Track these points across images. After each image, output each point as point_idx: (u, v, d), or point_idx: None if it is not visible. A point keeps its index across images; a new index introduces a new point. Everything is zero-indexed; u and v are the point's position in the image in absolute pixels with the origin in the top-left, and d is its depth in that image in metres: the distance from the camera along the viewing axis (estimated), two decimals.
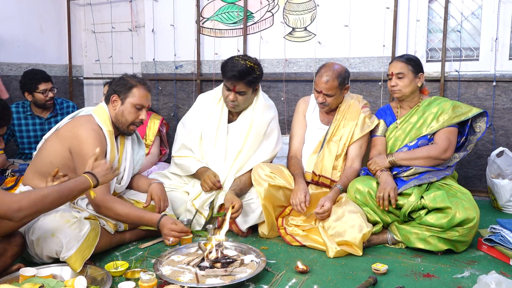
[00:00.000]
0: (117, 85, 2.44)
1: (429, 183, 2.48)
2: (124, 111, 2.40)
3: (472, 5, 3.52)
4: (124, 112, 2.40)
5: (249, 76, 2.60)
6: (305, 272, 2.13)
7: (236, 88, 2.63)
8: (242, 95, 2.66)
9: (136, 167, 2.65)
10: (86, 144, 2.25)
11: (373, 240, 2.47)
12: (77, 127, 2.32)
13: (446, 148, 2.55)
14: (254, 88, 2.72)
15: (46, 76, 3.56)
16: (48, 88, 3.54)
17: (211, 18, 4.23)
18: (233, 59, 2.66)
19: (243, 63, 2.60)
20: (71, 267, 2.05)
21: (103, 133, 2.36)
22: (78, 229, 2.11)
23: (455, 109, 2.62)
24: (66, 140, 2.31)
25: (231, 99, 2.66)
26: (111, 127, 2.41)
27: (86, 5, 4.89)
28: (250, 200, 2.65)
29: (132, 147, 2.60)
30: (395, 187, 2.46)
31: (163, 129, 3.72)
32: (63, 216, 2.14)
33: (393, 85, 2.68)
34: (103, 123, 2.38)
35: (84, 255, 2.09)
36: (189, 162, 2.81)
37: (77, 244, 2.08)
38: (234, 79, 2.60)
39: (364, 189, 2.52)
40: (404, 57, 2.74)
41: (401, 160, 2.59)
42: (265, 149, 2.79)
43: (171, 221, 2.27)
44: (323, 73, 2.70)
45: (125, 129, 2.45)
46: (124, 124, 2.42)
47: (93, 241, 2.16)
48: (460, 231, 2.31)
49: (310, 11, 3.86)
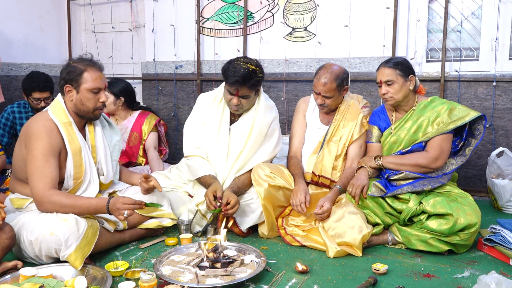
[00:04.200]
0: (67, 73, 2.32)
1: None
2: (81, 99, 2.31)
3: (472, 5, 3.52)
4: (82, 100, 2.31)
5: (251, 79, 2.57)
6: (305, 272, 2.13)
7: (240, 92, 2.60)
8: (245, 98, 2.64)
9: (113, 153, 2.57)
10: (35, 140, 2.21)
11: (373, 241, 2.47)
12: (29, 125, 2.28)
13: (436, 157, 2.47)
14: (256, 90, 2.71)
15: (43, 86, 3.39)
16: (42, 98, 3.41)
17: (211, 18, 4.23)
18: (234, 63, 2.60)
19: (245, 67, 2.55)
20: (72, 265, 2.05)
21: (55, 127, 2.28)
22: (76, 227, 2.11)
23: (451, 113, 2.49)
24: (21, 139, 2.30)
25: (235, 103, 2.63)
26: (68, 119, 2.33)
27: (86, 5, 4.89)
28: (250, 200, 2.65)
29: (104, 133, 2.53)
30: (364, 185, 2.47)
31: (161, 129, 3.71)
32: (60, 215, 2.15)
33: (384, 93, 2.55)
34: (57, 116, 2.30)
35: (84, 252, 2.09)
36: (196, 163, 2.74)
37: (76, 241, 2.08)
38: (238, 84, 2.56)
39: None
40: (391, 61, 2.57)
41: (389, 163, 2.56)
42: (266, 149, 2.78)
43: (121, 198, 2.23)
44: (321, 75, 2.69)
45: (90, 116, 2.37)
46: (87, 112, 2.34)
47: (92, 237, 2.16)
48: (461, 235, 2.31)
49: (310, 11, 3.87)
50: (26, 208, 2.29)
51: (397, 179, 2.54)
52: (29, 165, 2.22)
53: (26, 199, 2.31)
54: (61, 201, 2.18)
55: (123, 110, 3.60)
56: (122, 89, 3.54)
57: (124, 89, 3.56)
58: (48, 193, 2.18)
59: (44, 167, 2.20)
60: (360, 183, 2.48)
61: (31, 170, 2.21)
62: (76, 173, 2.31)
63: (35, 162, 2.20)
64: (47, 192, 2.18)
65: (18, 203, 2.31)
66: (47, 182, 2.19)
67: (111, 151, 2.55)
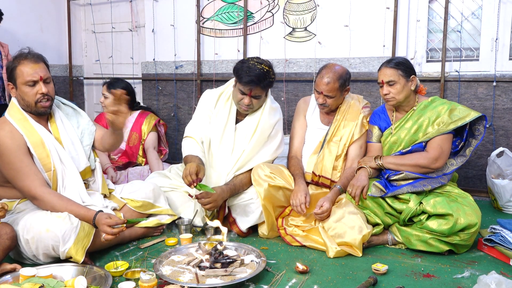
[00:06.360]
0: (7, 71, 2.30)
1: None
2: (21, 95, 2.28)
3: (472, 5, 3.52)
4: (22, 96, 2.28)
5: (265, 80, 2.57)
6: (305, 272, 2.13)
7: (253, 92, 2.59)
8: (257, 98, 2.64)
9: (83, 139, 2.50)
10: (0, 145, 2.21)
11: (373, 241, 2.47)
12: None
13: (436, 158, 2.47)
14: (267, 91, 2.71)
15: None
16: None
17: (211, 18, 4.23)
18: (248, 62, 2.60)
19: (259, 67, 2.55)
20: (74, 258, 2.06)
21: (13, 127, 2.26)
22: (70, 222, 2.12)
23: (451, 113, 2.48)
24: None
25: (247, 103, 2.62)
26: (23, 115, 2.30)
27: (86, 5, 4.89)
28: (250, 200, 2.65)
29: (70, 120, 2.48)
30: (365, 185, 2.47)
31: (161, 129, 3.71)
32: (54, 213, 2.16)
33: (386, 93, 2.54)
34: (12, 116, 2.29)
35: (84, 244, 2.10)
36: (189, 143, 2.72)
37: (74, 234, 2.09)
38: (252, 84, 2.55)
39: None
40: (393, 62, 2.55)
41: (389, 164, 2.56)
42: (268, 150, 2.78)
43: (105, 216, 2.17)
44: (324, 75, 2.69)
45: (37, 110, 2.30)
46: (31, 106, 2.29)
47: (90, 229, 2.17)
48: (461, 236, 2.31)
49: (310, 11, 3.87)
50: (15, 210, 2.30)
51: (397, 179, 2.54)
52: (6, 171, 2.22)
53: (13, 201, 2.32)
54: (52, 202, 2.19)
55: None
56: (122, 89, 3.54)
57: (124, 89, 3.56)
58: (40, 190, 2.20)
59: (22, 168, 2.20)
60: (360, 183, 2.48)
61: (11, 175, 2.22)
62: (44, 165, 2.28)
63: (10, 166, 2.20)
64: (38, 189, 2.19)
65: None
66: (33, 179, 2.20)
67: (80, 137, 2.49)
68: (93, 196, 2.44)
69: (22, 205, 2.30)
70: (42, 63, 2.31)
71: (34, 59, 2.28)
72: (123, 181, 3.34)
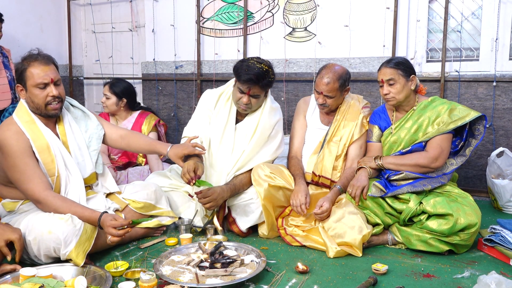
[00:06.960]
0: (17, 73, 2.28)
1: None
2: (31, 97, 2.25)
3: (472, 5, 3.52)
4: (31, 98, 2.25)
5: (264, 79, 2.57)
6: (305, 272, 2.13)
7: (251, 91, 2.59)
8: (256, 98, 2.64)
9: (91, 143, 2.48)
10: (4, 147, 2.19)
11: (373, 241, 2.47)
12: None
13: (436, 157, 2.47)
14: (266, 91, 2.71)
15: None
16: None
17: (211, 18, 4.23)
18: (247, 61, 2.61)
19: (259, 66, 2.55)
20: (74, 262, 2.05)
21: (19, 129, 2.24)
22: (73, 225, 2.10)
23: (451, 113, 2.49)
24: None
25: (245, 102, 2.62)
26: (31, 117, 2.28)
27: (86, 5, 4.89)
28: (250, 200, 2.65)
29: (78, 124, 2.46)
30: (365, 185, 2.47)
31: (161, 129, 3.71)
32: (57, 214, 2.15)
33: (386, 93, 2.55)
34: (19, 118, 2.27)
35: (85, 248, 2.10)
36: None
37: (76, 238, 2.08)
38: (251, 83, 2.55)
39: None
40: (392, 61, 2.56)
41: (389, 164, 2.56)
42: (268, 150, 2.77)
43: (110, 218, 2.13)
44: (324, 75, 2.69)
45: (47, 112, 2.28)
46: (40, 108, 2.27)
47: (92, 233, 2.16)
48: (461, 236, 2.31)
49: (310, 11, 3.87)
50: (18, 210, 2.30)
51: (397, 179, 2.54)
52: (10, 173, 2.21)
53: (16, 201, 2.31)
54: (56, 205, 2.17)
55: (124, 111, 3.59)
56: (124, 89, 3.54)
57: (126, 89, 3.56)
58: (44, 194, 2.17)
59: (26, 170, 2.18)
60: (360, 184, 2.48)
61: (15, 178, 2.20)
62: (49, 170, 2.26)
63: (15, 169, 2.18)
64: (42, 193, 2.17)
65: (9, 206, 2.32)
66: (37, 182, 2.18)
67: (88, 142, 2.47)
68: (95, 197, 2.44)
69: (25, 206, 2.30)
70: (52, 65, 2.29)
71: (45, 61, 2.26)
72: (123, 181, 3.34)
